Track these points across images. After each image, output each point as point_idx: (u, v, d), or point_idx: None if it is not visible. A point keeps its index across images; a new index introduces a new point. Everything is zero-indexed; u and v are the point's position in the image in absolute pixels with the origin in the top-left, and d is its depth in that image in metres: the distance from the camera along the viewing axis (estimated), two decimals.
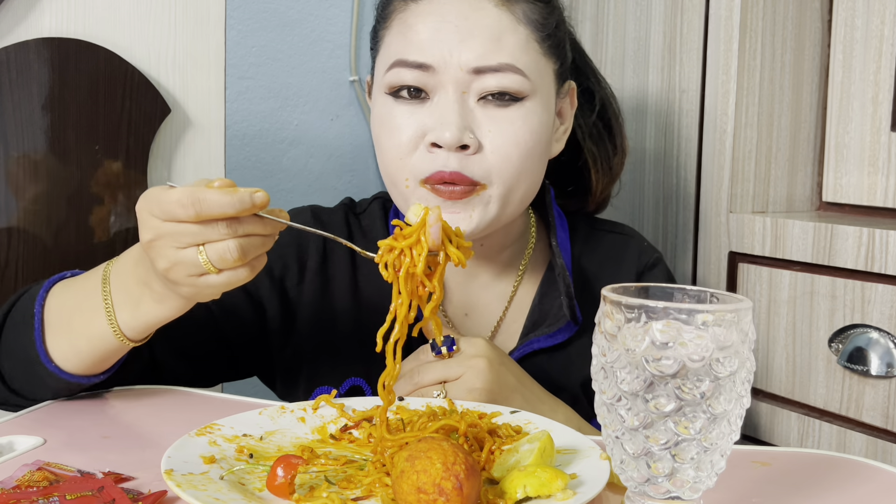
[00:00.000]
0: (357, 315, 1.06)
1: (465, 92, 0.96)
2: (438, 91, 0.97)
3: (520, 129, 0.97)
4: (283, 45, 1.80)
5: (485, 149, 0.96)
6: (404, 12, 1.00)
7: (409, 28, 0.98)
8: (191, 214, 0.73)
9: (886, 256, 1.11)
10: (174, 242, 0.75)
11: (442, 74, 0.96)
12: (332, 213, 1.12)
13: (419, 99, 0.97)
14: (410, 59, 0.97)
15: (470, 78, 0.96)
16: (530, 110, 0.98)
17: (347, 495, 0.68)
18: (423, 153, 0.96)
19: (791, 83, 1.35)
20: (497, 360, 0.95)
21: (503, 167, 0.97)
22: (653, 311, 0.59)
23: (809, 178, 1.38)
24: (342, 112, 1.87)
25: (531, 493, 0.65)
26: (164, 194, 0.75)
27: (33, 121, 1.18)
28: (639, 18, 1.47)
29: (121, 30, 1.24)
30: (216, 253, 0.75)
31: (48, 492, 0.67)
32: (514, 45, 0.97)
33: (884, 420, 1.13)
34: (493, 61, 0.96)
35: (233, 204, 0.73)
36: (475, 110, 0.97)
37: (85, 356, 0.87)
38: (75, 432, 0.84)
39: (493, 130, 0.96)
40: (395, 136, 0.98)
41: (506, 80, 0.96)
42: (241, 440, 0.78)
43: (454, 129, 0.94)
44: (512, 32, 0.97)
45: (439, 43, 0.96)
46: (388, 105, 0.99)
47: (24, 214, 1.19)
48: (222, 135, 1.32)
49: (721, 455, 0.62)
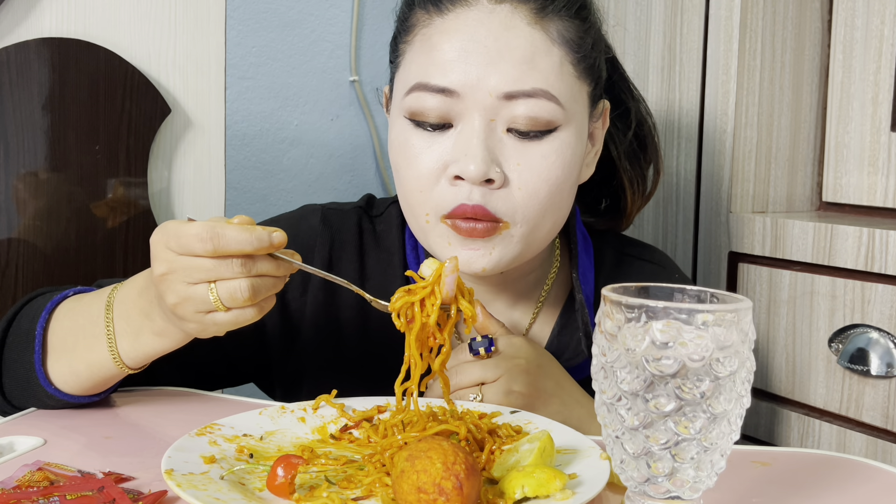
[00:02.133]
0: (363, 330, 1.01)
1: (493, 120, 0.89)
2: (464, 118, 0.89)
3: (552, 164, 0.90)
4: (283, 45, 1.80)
5: (511, 184, 0.89)
6: (428, 27, 0.92)
7: (433, 47, 0.90)
8: (208, 249, 0.72)
9: (886, 256, 1.11)
10: (186, 277, 0.74)
11: (468, 100, 0.88)
12: (345, 216, 1.06)
13: (441, 130, 0.90)
14: (433, 82, 0.89)
15: (499, 104, 0.88)
16: (563, 142, 0.91)
17: (347, 495, 0.68)
18: (445, 186, 0.90)
19: (791, 83, 1.35)
20: (536, 363, 0.91)
21: (529, 204, 0.90)
22: (653, 311, 0.59)
23: (809, 178, 1.38)
24: (342, 112, 1.87)
25: (529, 494, 0.65)
26: (182, 227, 0.74)
27: (33, 121, 1.18)
28: (639, 18, 1.47)
29: (121, 30, 1.24)
30: (227, 291, 0.74)
31: (48, 492, 0.67)
32: (549, 68, 0.89)
33: (884, 420, 1.13)
34: (526, 86, 0.88)
35: (251, 242, 0.73)
36: (503, 140, 0.89)
37: (84, 380, 0.86)
38: (75, 432, 0.84)
39: (522, 164, 0.89)
40: (414, 166, 0.91)
41: (538, 107, 0.88)
42: (242, 440, 0.78)
43: (479, 162, 0.87)
44: (546, 54, 0.89)
45: (466, 65, 0.88)
46: (407, 131, 0.92)
47: (24, 215, 1.19)
48: (222, 135, 1.32)
49: (721, 455, 0.62)
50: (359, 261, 1.02)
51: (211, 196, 1.32)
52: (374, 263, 1.03)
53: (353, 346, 1.01)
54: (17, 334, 0.89)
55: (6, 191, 1.18)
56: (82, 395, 0.88)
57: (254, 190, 1.80)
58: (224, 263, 0.74)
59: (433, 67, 0.89)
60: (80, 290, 0.91)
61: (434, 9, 0.91)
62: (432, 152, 0.90)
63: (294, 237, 0.97)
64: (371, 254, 1.03)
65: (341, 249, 1.03)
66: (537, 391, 0.90)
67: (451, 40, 0.89)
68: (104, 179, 1.23)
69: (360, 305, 1.01)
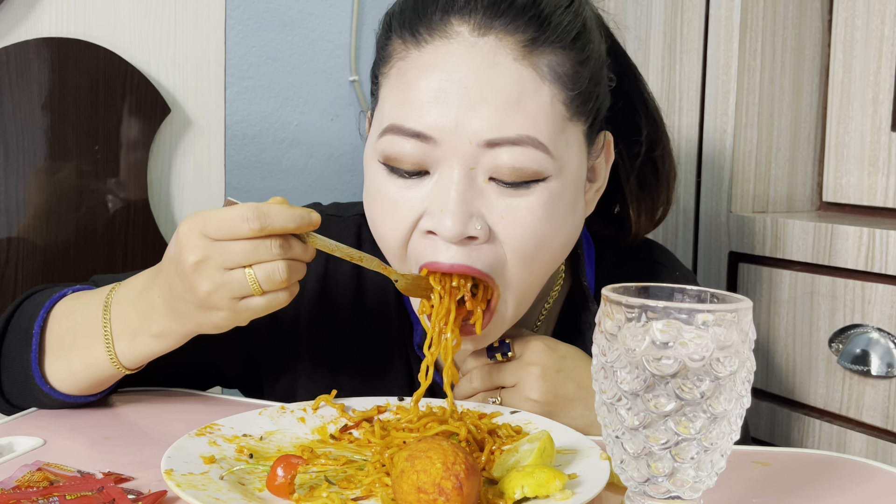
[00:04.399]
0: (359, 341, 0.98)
1: (474, 168, 0.79)
2: (441, 166, 0.80)
3: (539, 218, 0.80)
4: (283, 45, 1.80)
5: (497, 238, 0.80)
6: (404, 61, 0.82)
7: (409, 85, 0.80)
8: (255, 228, 0.72)
9: (887, 256, 1.11)
10: (224, 263, 0.74)
11: (445, 147, 0.79)
12: (345, 224, 1.01)
13: (416, 177, 0.81)
14: (408, 126, 0.79)
15: (480, 152, 0.78)
16: (553, 193, 0.81)
17: (347, 495, 0.68)
18: (417, 239, 0.82)
19: (791, 83, 1.35)
20: (553, 368, 0.88)
21: (514, 262, 0.81)
22: (653, 311, 0.59)
23: (809, 178, 1.38)
24: (342, 112, 1.87)
25: (529, 494, 0.65)
26: (221, 212, 0.73)
27: (33, 121, 1.18)
28: (639, 18, 1.47)
29: (121, 30, 1.24)
30: (265, 273, 0.74)
31: (48, 492, 0.67)
32: (536, 110, 0.79)
33: (884, 420, 1.13)
34: (511, 132, 0.78)
35: (295, 218, 0.73)
36: (485, 191, 0.80)
37: (81, 380, 0.86)
38: (75, 433, 0.84)
39: (506, 217, 0.80)
40: (390, 220, 0.82)
41: (524, 156, 0.78)
42: (241, 440, 0.78)
43: (456, 219, 0.78)
44: (534, 94, 0.79)
45: (444, 107, 0.78)
46: (380, 179, 0.83)
47: (23, 214, 1.19)
48: (222, 135, 1.32)
49: (721, 455, 0.62)
50: (355, 271, 0.98)
51: (211, 196, 1.31)
52: (371, 275, 0.98)
53: (349, 357, 0.99)
54: (15, 332, 0.89)
55: (6, 190, 1.18)
56: (79, 395, 0.88)
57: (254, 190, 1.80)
58: (263, 245, 0.73)
59: (408, 108, 0.80)
60: (79, 289, 0.91)
61: (411, 39, 0.82)
62: (408, 202, 0.81)
63: None
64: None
65: (337, 260, 0.97)
66: (556, 398, 0.87)
67: (428, 78, 0.79)
68: (104, 179, 1.23)
69: (355, 319, 0.98)
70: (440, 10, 0.81)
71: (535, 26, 0.80)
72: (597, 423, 0.86)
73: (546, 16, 0.81)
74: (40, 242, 1.20)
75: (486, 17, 0.80)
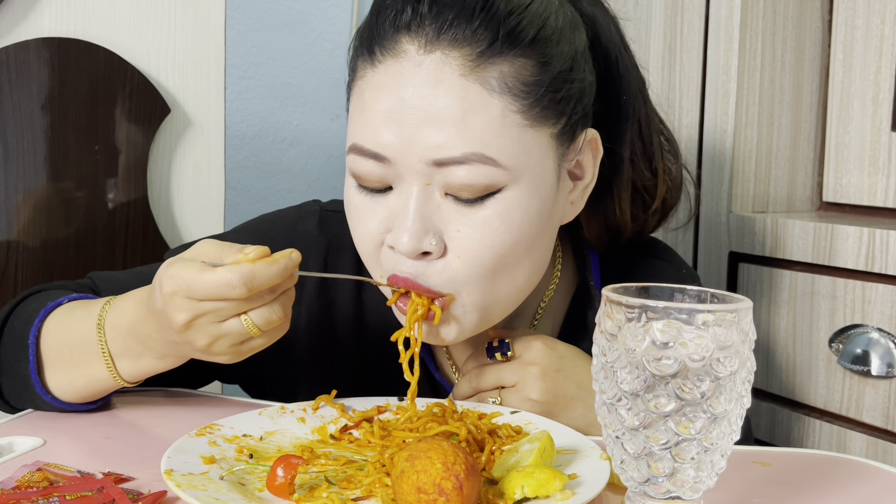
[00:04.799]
0: (360, 340, 0.98)
1: (430, 184, 0.80)
2: (401, 182, 0.81)
3: (496, 229, 0.80)
4: (283, 45, 1.81)
5: (449, 252, 0.81)
6: (363, 80, 0.83)
7: (365, 105, 0.82)
8: (242, 293, 0.72)
9: (887, 256, 1.11)
10: (215, 318, 0.74)
11: (400, 166, 0.80)
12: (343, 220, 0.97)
13: (382, 192, 0.83)
14: (366, 146, 0.81)
15: (431, 170, 0.79)
16: (510, 203, 0.80)
17: (347, 495, 0.68)
18: (385, 250, 0.84)
19: (791, 83, 1.35)
20: (553, 367, 0.88)
21: (472, 273, 0.81)
22: (653, 311, 0.59)
23: (809, 178, 1.38)
24: (342, 112, 1.87)
25: (529, 494, 0.65)
26: (205, 277, 0.72)
27: (33, 121, 1.18)
28: (639, 18, 1.47)
29: (121, 30, 1.24)
30: (261, 317, 0.74)
31: (48, 492, 0.67)
32: (484, 126, 0.78)
33: (884, 420, 1.13)
34: (456, 151, 0.78)
35: (281, 272, 0.73)
36: (442, 206, 0.80)
37: (82, 390, 0.86)
38: (75, 433, 0.84)
39: (462, 231, 0.80)
40: (360, 229, 0.85)
41: (472, 173, 0.78)
42: (241, 440, 0.78)
43: (411, 236, 0.79)
44: (481, 109, 0.78)
45: (395, 127, 0.79)
46: (352, 191, 0.85)
47: (23, 214, 1.19)
48: (222, 135, 1.32)
49: (721, 455, 0.62)
50: (356, 268, 0.98)
51: (210, 196, 1.32)
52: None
53: (349, 356, 0.99)
54: (11, 335, 0.89)
55: (6, 191, 1.18)
56: (80, 402, 0.88)
57: (253, 190, 1.80)
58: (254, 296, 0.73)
59: (365, 129, 0.81)
60: (74, 297, 0.90)
61: (368, 58, 0.83)
62: (376, 214, 0.83)
63: (290, 240, 0.96)
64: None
65: (337, 255, 1.00)
66: (556, 397, 0.88)
67: (380, 98, 0.80)
68: (104, 179, 1.23)
69: (356, 315, 0.99)
70: (392, 28, 0.81)
71: (485, 38, 0.79)
72: (597, 423, 0.86)
73: (496, 24, 0.79)
74: (40, 242, 1.20)
75: (432, 33, 0.79)
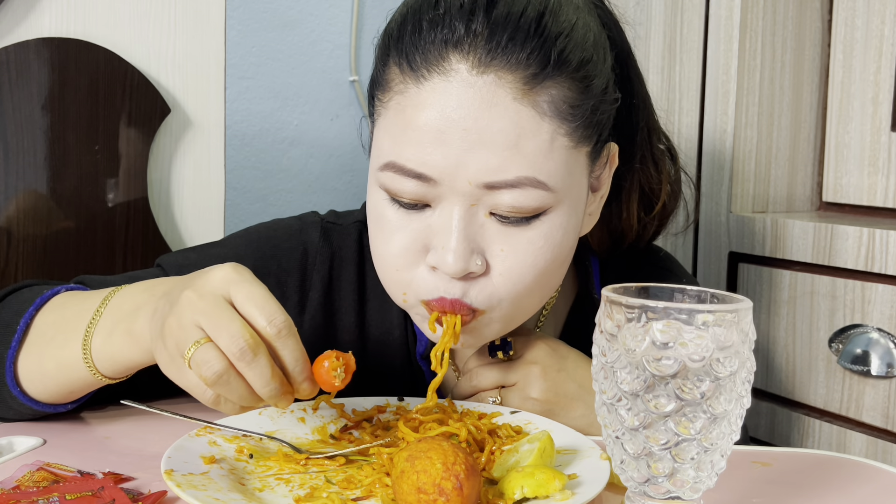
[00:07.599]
0: (362, 353, 0.97)
1: (475, 205, 0.79)
2: (442, 202, 0.79)
3: (539, 248, 0.80)
4: (283, 45, 1.80)
5: (492, 270, 0.80)
6: (403, 95, 0.80)
7: (408, 123, 0.78)
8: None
9: (886, 256, 1.11)
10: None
11: (445, 187, 0.78)
12: (346, 232, 0.99)
13: (418, 209, 0.81)
14: (409, 166, 0.78)
15: (480, 192, 0.78)
16: (554, 224, 0.81)
17: (347, 495, 0.68)
18: (424, 272, 0.81)
19: (791, 83, 1.35)
20: (554, 367, 0.88)
21: (512, 290, 0.81)
22: (653, 311, 0.59)
23: (809, 178, 1.38)
24: (342, 112, 1.87)
25: (529, 494, 0.65)
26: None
27: (33, 121, 1.18)
28: (639, 18, 1.47)
29: (121, 30, 1.24)
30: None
31: (48, 492, 0.67)
32: (536, 150, 0.77)
33: (884, 420, 1.13)
34: (509, 175, 0.77)
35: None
36: (486, 225, 0.79)
37: (50, 381, 0.81)
38: (75, 432, 0.84)
39: (506, 250, 0.80)
40: (391, 244, 0.82)
41: (523, 196, 0.78)
42: (241, 440, 0.78)
43: (458, 257, 0.78)
44: (534, 134, 0.77)
45: (443, 148, 0.77)
46: (382, 204, 0.82)
47: (23, 214, 1.19)
48: (222, 135, 1.32)
49: (721, 455, 0.62)
50: (358, 279, 0.98)
51: (210, 196, 1.32)
52: (374, 283, 0.97)
53: None
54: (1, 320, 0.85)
55: (6, 190, 1.18)
56: (48, 401, 0.83)
57: (254, 190, 1.80)
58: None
59: (407, 148, 0.78)
60: (73, 288, 0.88)
61: (410, 73, 0.79)
62: (410, 231, 0.81)
63: (292, 251, 0.96)
64: (371, 272, 0.98)
65: (340, 267, 0.98)
66: (557, 397, 0.88)
67: (427, 118, 0.77)
68: (104, 179, 1.24)
69: (358, 324, 0.98)
70: (439, 43, 0.78)
71: (538, 62, 0.78)
72: (597, 423, 0.86)
73: (548, 47, 0.78)
74: (40, 243, 1.20)
75: (485, 54, 0.77)
